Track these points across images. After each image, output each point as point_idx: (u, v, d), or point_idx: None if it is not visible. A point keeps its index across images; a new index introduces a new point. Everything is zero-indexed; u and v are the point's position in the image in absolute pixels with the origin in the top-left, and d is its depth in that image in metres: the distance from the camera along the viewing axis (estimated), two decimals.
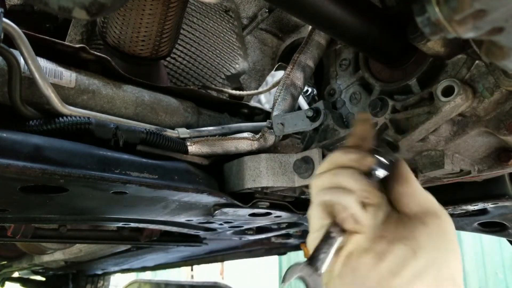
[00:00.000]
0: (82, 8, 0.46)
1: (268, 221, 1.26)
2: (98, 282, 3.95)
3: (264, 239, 1.99)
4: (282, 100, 0.88)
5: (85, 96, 0.85)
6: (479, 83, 0.66)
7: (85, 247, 2.13)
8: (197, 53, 1.29)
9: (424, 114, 0.70)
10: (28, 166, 0.67)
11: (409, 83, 0.75)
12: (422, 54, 0.73)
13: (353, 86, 0.88)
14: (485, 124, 0.70)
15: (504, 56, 0.45)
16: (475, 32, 0.41)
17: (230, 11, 1.36)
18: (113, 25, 0.98)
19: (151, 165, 0.85)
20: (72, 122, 0.78)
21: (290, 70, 0.90)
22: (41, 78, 0.75)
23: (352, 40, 0.72)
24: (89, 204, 0.94)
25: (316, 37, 0.92)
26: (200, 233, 1.48)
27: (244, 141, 0.96)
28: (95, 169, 0.76)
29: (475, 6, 0.38)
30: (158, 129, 0.92)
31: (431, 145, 0.76)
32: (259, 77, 1.59)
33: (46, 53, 0.82)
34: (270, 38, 1.51)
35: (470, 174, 0.85)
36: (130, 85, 0.94)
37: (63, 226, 1.59)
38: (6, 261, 3.06)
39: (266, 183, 0.93)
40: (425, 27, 0.43)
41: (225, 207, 1.02)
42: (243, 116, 1.21)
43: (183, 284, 3.97)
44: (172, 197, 0.93)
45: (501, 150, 0.79)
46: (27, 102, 0.77)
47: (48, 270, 3.36)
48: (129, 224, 1.19)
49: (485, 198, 1.07)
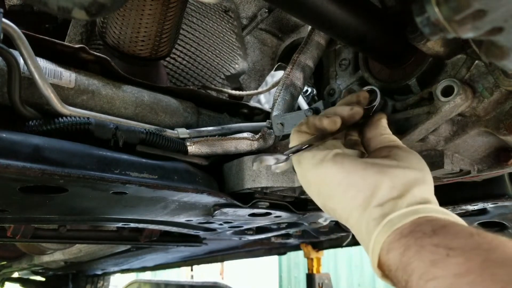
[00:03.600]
0: (82, 8, 0.46)
1: (268, 221, 1.26)
2: (98, 282, 3.95)
3: (264, 239, 2.00)
4: (282, 100, 0.88)
5: (85, 97, 0.85)
6: (479, 83, 0.66)
7: (85, 248, 2.13)
8: (196, 53, 1.29)
9: (423, 114, 0.70)
10: (28, 166, 0.67)
11: (409, 83, 0.75)
12: (421, 54, 0.73)
13: (352, 86, 0.88)
14: (485, 124, 0.70)
15: (504, 56, 0.45)
16: (474, 32, 0.41)
17: (230, 11, 1.36)
18: (112, 25, 0.98)
19: (151, 165, 0.85)
20: (72, 122, 0.78)
21: (290, 70, 0.90)
22: (40, 79, 0.75)
23: (352, 40, 0.72)
24: (88, 204, 0.94)
25: (315, 37, 0.92)
26: (200, 233, 1.48)
27: (244, 141, 0.96)
28: (95, 170, 0.76)
29: (474, 6, 0.38)
30: (158, 129, 0.92)
31: (431, 145, 0.76)
32: (259, 77, 1.59)
33: (46, 54, 0.82)
34: (270, 38, 1.51)
35: (469, 174, 0.85)
36: (130, 85, 0.94)
37: (63, 227, 1.59)
38: (6, 261, 3.06)
39: (266, 183, 0.93)
40: (425, 27, 0.43)
41: (225, 207, 1.02)
42: (242, 116, 1.21)
43: (183, 284, 3.97)
44: (171, 197, 0.93)
45: (501, 150, 0.79)
46: (26, 102, 0.77)
47: (48, 271, 3.36)
48: (129, 224, 1.19)
49: (485, 198, 1.07)
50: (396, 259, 0.46)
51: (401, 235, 0.48)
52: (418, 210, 0.50)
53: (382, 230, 0.50)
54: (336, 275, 6.25)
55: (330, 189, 0.58)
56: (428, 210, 0.50)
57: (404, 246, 0.46)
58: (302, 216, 1.19)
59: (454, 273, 0.40)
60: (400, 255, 0.46)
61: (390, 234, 0.49)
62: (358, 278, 6.15)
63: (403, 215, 0.50)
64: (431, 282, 0.41)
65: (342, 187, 0.56)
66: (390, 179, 0.54)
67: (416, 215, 0.49)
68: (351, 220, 0.56)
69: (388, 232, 0.49)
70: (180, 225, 1.29)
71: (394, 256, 0.47)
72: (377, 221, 0.51)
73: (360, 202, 0.54)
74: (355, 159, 0.59)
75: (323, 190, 0.59)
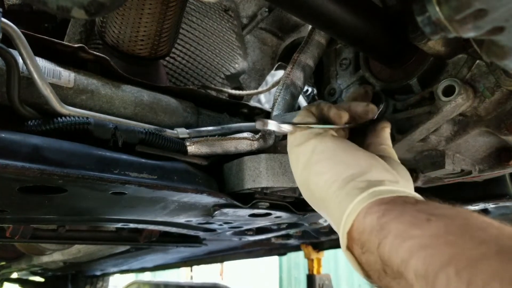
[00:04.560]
0: (81, 7, 0.45)
1: (268, 221, 1.26)
2: (97, 283, 3.95)
3: (264, 240, 1.99)
4: (282, 99, 0.88)
5: (84, 96, 0.85)
6: (480, 83, 0.66)
7: (84, 248, 2.13)
8: (196, 53, 1.29)
9: (424, 114, 0.70)
10: (27, 166, 0.67)
11: (410, 83, 0.75)
12: (422, 54, 0.72)
13: (353, 86, 0.88)
14: (486, 124, 0.70)
15: (505, 55, 0.45)
16: (475, 32, 0.41)
17: (230, 10, 1.35)
18: (112, 25, 0.98)
19: (150, 165, 0.85)
20: (71, 122, 0.78)
21: (290, 70, 0.90)
22: (39, 78, 0.74)
23: (352, 40, 0.71)
24: (88, 204, 0.93)
25: (316, 36, 0.91)
26: (200, 234, 1.48)
27: (244, 141, 0.95)
28: (94, 170, 0.75)
29: (475, 6, 0.38)
30: (157, 129, 0.91)
31: (432, 145, 0.76)
32: (259, 77, 1.58)
33: (45, 53, 0.81)
34: (270, 38, 1.51)
35: (471, 174, 0.85)
36: (129, 85, 0.93)
37: (62, 227, 1.59)
38: (5, 262, 3.06)
39: (266, 183, 0.93)
40: (426, 26, 0.43)
41: (225, 207, 1.02)
42: (242, 116, 1.20)
43: (182, 285, 3.98)
44: (171, 198, 0.92)
45: (502, 150, 0.79)
46: (25, 102, 0.76)
47: (47, 271, 3.35)
48: (128, 225, 1.18)
49: (486, 198, 1.07)
50: (374, 222, 0.45)
51: (382, 201, 0.47)
52: (406, 192, 0.50)
53: (365, 197, 0.49)
54: (336, 276, 6.25)
55: (318, 161, 0.57)
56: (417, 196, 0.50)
57: (384, 210, 0.45)
58: (303, 216, 1.19)
59: (432, 233, 0.40)
60: (378, 218, 0.45)
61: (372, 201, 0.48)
62: (359, 279, 6.15)
63: (389, 191, 0.49)
64: (408, 241, 0.41)
65: (331, 161, 0.56)
66: (381, 166, 0.55)
67: (403, 194, 0.49)
68: (330, 191, 0.53)
69: (371, 199, 0.48)
70: (179, 225, 1.28)
71: (372, 219, 0.46)
72: (361, 190, 0.50)
73: (345, 176, 0.53)
74: (351, 143, 0.59)
75: (311, 162, 0.58)
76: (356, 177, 0.52)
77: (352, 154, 0.56)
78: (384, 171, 0.54)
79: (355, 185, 0.51)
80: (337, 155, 0.56)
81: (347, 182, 0.52)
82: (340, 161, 0.55)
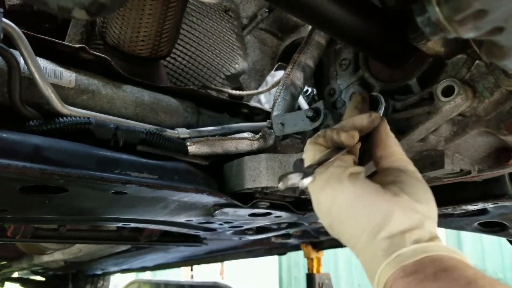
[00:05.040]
0: (82, 8, 0.46)
1: (268, 221, 1.26)
2: (97, 282, 3.95)
3: (264, 239, 1.99)
4: (282, 100, 0.88)
5: (85, 96, 0.85)
6: (479, 83, 0.66)
7: (85, 247, 2.13)
8: (196, 53, 1.29)
9: (424, 114, 0.70)
10: (28, 166, 0.67)
11: (409, 83, 0.75)
12: (422, 54, 0.72)
13: (353, 86, 0.88)
14: (485, 124, 0.70)
15: (504, 56, 0.45)
16: (475, 32, 0.41)
17: (230, 10, 1.36)
18: (112, 25, 0.98)
19: (151, 165, 0.85)
20: (72, 122, 0.78)
21: (290, 70, 0.90)
22: (40, 78, 0.75)
23: (352, 40, 0.72)
24: (88, 204, 0.94)
25: (316, 37, 0.91)
26: (200, 233, 1.48)
27: (244, 141, 0.96)
28: (95, 169, 0.76)
29: (475, 6, 0.38)
30: (158, 129, 0.92)
31: (431, 145, 0.76)
32: (259, 77, 1.59)
33: (46, 53, 0.82)
34: (270, 38, 1.51)
35: (470, 174, 0.85)
36: (130, 85, 0.94)
37: (63, 226, 1.59)
38: (6, 261, 3.06)
39: (266, 183, 0.93)
40: (425, 27, 0.43)
41: (225, 207, 1.02)
42: (243, 116, 1.21)
43: (182, 284, 3.97)
44: (172, 197, 0.93)
45: (501, 150, 0.79)
46: (26, 102, 0.76)
47: (48, 270, 3.36)
48: (129, 224, 1.19)
49: (485, 198, 1.07)
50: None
51: (405, 273, 0.50)
52: (426, 248, 0.52)
53: (389, 264, 0.52)
54: (336, 275, 6.25)
55: (340, 210, 0.58)
56: (435, 248, 0.52)
57: (407, 284, 0.49)
58: (302, 216, 1.19)
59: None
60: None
61: (396, 269, 0.51)
62: (359, 278, 6.15)
63: (411, 253, 0.52)
64: None
65: (353, 210, 0.57)
66: (401, 209, 0.56)
67: (423, 254, 0.51)
68: (359, 245, 0.57)
69: (395, 267, 0.51)
70: (180, 225, 1.29)
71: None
72: (385, 252, 0.53)
73: (370, 229, 0.56)
74: (367, 182, 0.59)
75: (333, 211, 0.59)
76: (378, 230, 0.55)
77: (370, 198, 0.57)
78: (405, 213, 0.56)
79: (378, 245, 0.54)
80: (358, 202, 0.57)
81: (372, 238, 0.55)
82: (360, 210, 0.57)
